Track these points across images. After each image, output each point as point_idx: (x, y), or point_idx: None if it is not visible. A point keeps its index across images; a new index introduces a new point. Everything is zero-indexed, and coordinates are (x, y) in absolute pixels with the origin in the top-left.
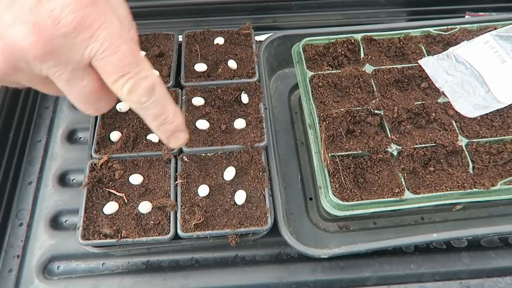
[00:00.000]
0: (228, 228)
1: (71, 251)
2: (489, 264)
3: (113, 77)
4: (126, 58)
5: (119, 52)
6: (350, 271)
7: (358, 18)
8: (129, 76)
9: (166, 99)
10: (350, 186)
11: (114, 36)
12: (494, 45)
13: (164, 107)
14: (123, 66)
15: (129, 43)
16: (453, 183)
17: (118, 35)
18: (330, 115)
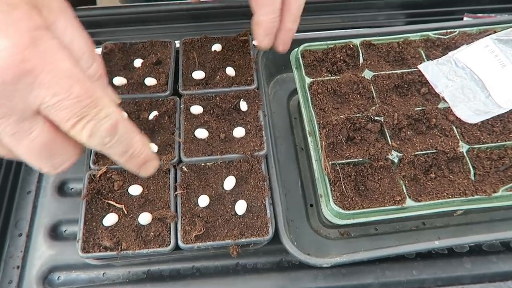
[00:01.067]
0: (229, 238)
1: (71, 261)
2: (491, 269)
3: (69, 122)
4: (81, 100)
5: (71, 95)
6: (352, 278)
7: (356, 21)
8: (87, 119)
9: (130, 133)
10: (351, 194)
11: (63, 79)
12: (494, 49)
13: (129, 142)
14: (79, 110)
15: (83, 82)
16: (455, 190)
17: (68, 76)
18: (330, 122)
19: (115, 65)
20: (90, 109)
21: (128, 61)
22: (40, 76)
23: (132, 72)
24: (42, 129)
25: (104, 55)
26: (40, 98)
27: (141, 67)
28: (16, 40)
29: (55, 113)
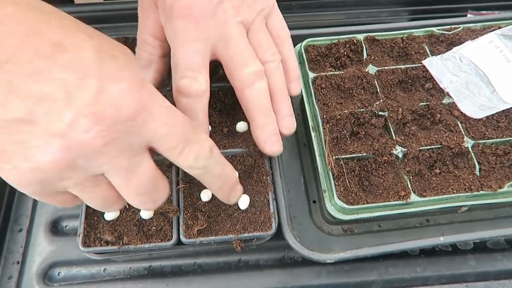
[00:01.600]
0: (231, 233)
1: (71, 257)
2: (496, 267)
3: (177, 149)
4: (185, 127)
5: (177, 123)
6: (355, 275)
7: (360, 18)
8: (192, 143)
9: (220, 155)
10: (355, 190)
11: (168, 111)
12: (499, 44)
13: (222, 162)
14: (184, 136)
15: (179, 112)
16: (460, 185)
17: (170, 108)
18: (334, 117)
19: None
20: (193, 134)
21: None
22: (151, 110)
23: None
24: (149, 163)
25: None
26: (152, 130)
27: None
28: (132, 81)
29: (165, 142)
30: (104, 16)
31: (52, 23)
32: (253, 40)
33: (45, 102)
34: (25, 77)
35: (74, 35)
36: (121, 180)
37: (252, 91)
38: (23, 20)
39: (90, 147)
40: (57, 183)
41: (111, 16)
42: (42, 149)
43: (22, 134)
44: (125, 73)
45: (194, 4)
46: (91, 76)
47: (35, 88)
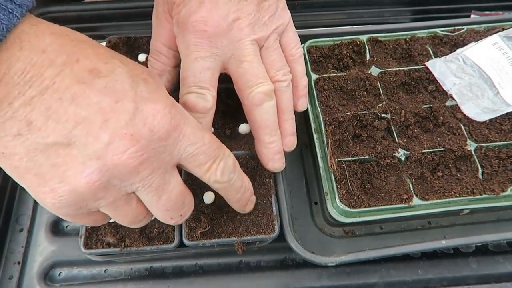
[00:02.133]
0: (234, 236)
1: (73, 257)
2: (497, 269)
3: (206, 166)
4: (213, 144)
5: (205, 141)
6: (356, 277)
7: (362, 18)
8: (219, 159)
9: (240, 169)
10: (357, 192)
11: (197, 129)
12: (503, 46)
13: (243, 177)
14: (213, 152)
15: (206, 130)
16: (462, 188)
17: (198, 127)
18: (336, 119)
19: None
20: (219, 150)
21: (132, 55)
22: (182, 129)
23: None
24: (177, 180)
25: None
26: (183, 149)
27: (145, 62)
28: (164, 103)
29: (194, 160)
30: (110, 14)
31: (88, 51)
32: (266, 59)
33: (83, 125)
34: (64, 103)
35: (108, 62)
36: (152, 198)
37: (260, 110)
38: (61, 49)
39: (125, 168)
40: (91, 204)
41: (117, 15)
42: (79, 171)
43: (59, 157)
44: (157, 95)
45: (209, 19)
46: (126, 99)
47: (73, 112)
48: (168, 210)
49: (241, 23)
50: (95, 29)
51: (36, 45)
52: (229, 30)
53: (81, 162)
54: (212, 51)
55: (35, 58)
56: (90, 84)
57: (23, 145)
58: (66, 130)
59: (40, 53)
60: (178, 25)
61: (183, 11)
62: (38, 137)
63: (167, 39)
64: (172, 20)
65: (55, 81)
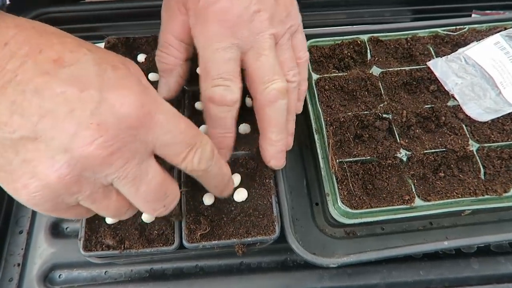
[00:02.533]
0: (235, 237)
1: (72, 259)
2: (499, 270)
3: (182, 155)
4: (189, 131)
5: (180, 129)
6: (357, 278)
7: (363, 17)
8: (196, 147)
9: (218, 155)
10: (358, 193)
11: (172, 117)
12: (505, 45)
13: (220, 163)
14: (190, 140)
15: (182, 117)
16: (464, 189)
17: (174, 114)
18: (337, 119)
19: None
20: (196, 138)
21: (131, 56)
22: (155, 117)
23: None
24: (156, 169)
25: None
26: (157, 138)
27: (144, 62)
28: (134, 90)
29: (169, 149)
30: (108, 14)
31: (53, 41)
32: (279, 56)
33: (48, 118)
34: (27, 95)
35: (74, 50)
36: (129, 189)
37: (273, 108)
38: (25, 41)
39: (95, 159)
40: (67, 198)
41: (116, 15)
42: (47, 165)
43: (28, 152)
44: (126, 81)
45: (230, 9)
46: (91, 87)
47: (38, 105)
48: (149, 202)
49: (262, 15)
50: (94, 30)
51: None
52: (250, 21)
53: (49, 157)
54: (233, 42)
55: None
56: (54, 75)
57: None
58: (31, 123)
59: (2, 46)
60: (196, 16)
61: (201, 1)
62: (5, 133)
63: (179, 32)
64: (186, 12)
65: (17, 74)
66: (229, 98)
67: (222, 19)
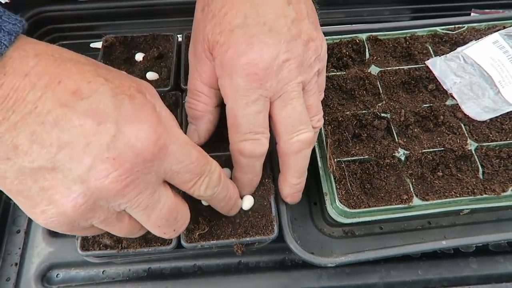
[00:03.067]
0: (233, 237)
1: (70, 259)
2: (498, 270)
3: (191, 182)
4: (200, 161)
5: (192, 158)
6: (356, 278)
7: (362, 16)
8: (204, 176)
9: (226, 179)
10: (356, 193)
11: (184, 146)
12: (504, 44)
13: (227, 187)
14: (199, 170)
15: (195, 146)
16: (463, 188)
17: (186, 143)
18: (336, 118)
19: (116, 59)
20: (205, 167)
21: (129, 54)
22: (169, 148)
23: (134, 66)
24: (167, 196)
25: (105, 49)
26: (169, 168)
27: (142, 61)
28: (150, 122)
29: (180, 177)
30: (106, 13)
31: (71, 70)
32: (306, 101)
33: (66, 150)
34: (47, 127)
35: (92, 80)
36: (141, 216)
37: (296, 157)
38: (44, 71)
39: (110, 191)
40: (83, 223)
41: (114, 14)
42: (64, 195)
43: (46, 181)
44: (143, 113)
45: (260, 61)
46: (108, 120)
47: (57, 136)
48: (160, 227)
49: (291, 64)
50: (92, 28)
51: (19, 70)
52: (279, 71)
53: (66, 186)
54: (262, 93)
55: (17, 83)
56: (72, 107)
57: (12, 169)
58: (50, 154)
59: (23, 77)
60: (223, 67)
61: (229, 52)
62: (25, 161)
63: (208, 78)
64: (213, 59)
65: (37, 105)
66: (258, 151)
67: (251, 72)
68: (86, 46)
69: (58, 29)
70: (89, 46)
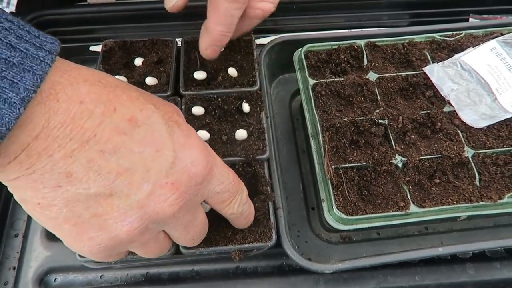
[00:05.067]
0: (231, 243)
1: (68, 263)
2: (495, 275)
3: (228, 201)
4: (236, 182)
5: (230, 179)
6: (353, 283)
7: (360, 21)
8: (238, 194)
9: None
10: (354, 199)
11: (224, 169)
12: (501, 51)
13: (250, 204)
14: (235, 189)
15: (228, 167)
16: (460, 196)
17: (223, 165)
18: (333, 125)
19: (115, 64)
20: (239, 186)
21: (128, 59)
22: (214, 171)
23: (133, 71)
24: (202, 213)
25: (104, 53)
26: (212, 188)
27: (141, 66)
28: (200, 148)
29: (220, 196)
30: (106, 17)
31: (122, 98)
32: None
33: (125, 176)
34: (106, 155)
35: (143, 108)
36: (180, 233)
37: None
38: (98, 98)
39: (165, 214)
40: (125, 247)
41: (108, 18)
42: (120, 219)
43: (100, 207)
44: (192, 140)
45: None
46: (166, 147)
47: (116, 163)
48: (196, 239)
49: None
50: (91, 32)
51: (73, 96)
52: None
53: (123, 212)
54: None
55: (73, 110)
56: (130, 135)
57: (62, 196)
58: (108, 181)
59: (78, 104)
60: None
61: None
62: (79, 188)
63: None
64: None
65: (96, 133)
66: None
67: None
68: (86, 50)
69: (58, 32)
70: (88, 49)
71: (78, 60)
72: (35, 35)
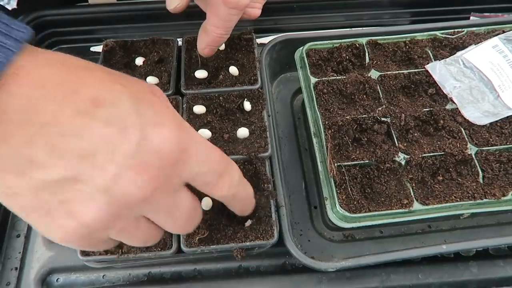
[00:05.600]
0: (233, 241)
1: (70, 263)
2: (498, 274)
3: (213, 183)
4: (221, 161)
5: (213, 159)
6: (356, 282)
7: (361, 20)
8: (226, 175)
9: (243, 178)
10: (357, 197)
11: (205, 148)
12: (503, 49)
13: (246, 186)
14: (221, 169)
15: (214, 146)
16: (463, 193)
17: (206, 145)
18: (336, 123)
19: (116, 63)
20: (226, 166)
21: (129, 59)
22: (190, 150)
23: (134, 70)
24: (187, 196)
25: (105, 53)
26: (191, 170)
27: (142, 66)
28: (171, 126)
29: (202, 178)
30: (106, 17)
31: (87, 79)
32: None
33: (88, 159)
34: (66, 137)
35: (109, 87)
36: (165, 220)
37: None
38: (60, 80)
39: (135, 198)
40: (100, 234)
41: (108, 18)
42: (86, 205)
43: (66, 192)
44: (164, 117)
45: None
46: (132, 126)
47: (78, 146)
48: (180, 226)
49: None
50: (92, 32)
51: (35, 80)
52: None
53: (89, 197)
54: None
55: (34, 94)
56: (92, 116)
57: (27, 184)
58: (71, 165)
59: (40, 88)
60: None
61: None
62: (42, 175)
63: None
64: None
65: (56, 116)
66: (242, 2)
67: None
68: (86, 50)
69: (58, 33)
70: (89, 50)
71: None
72: (4, 22)
